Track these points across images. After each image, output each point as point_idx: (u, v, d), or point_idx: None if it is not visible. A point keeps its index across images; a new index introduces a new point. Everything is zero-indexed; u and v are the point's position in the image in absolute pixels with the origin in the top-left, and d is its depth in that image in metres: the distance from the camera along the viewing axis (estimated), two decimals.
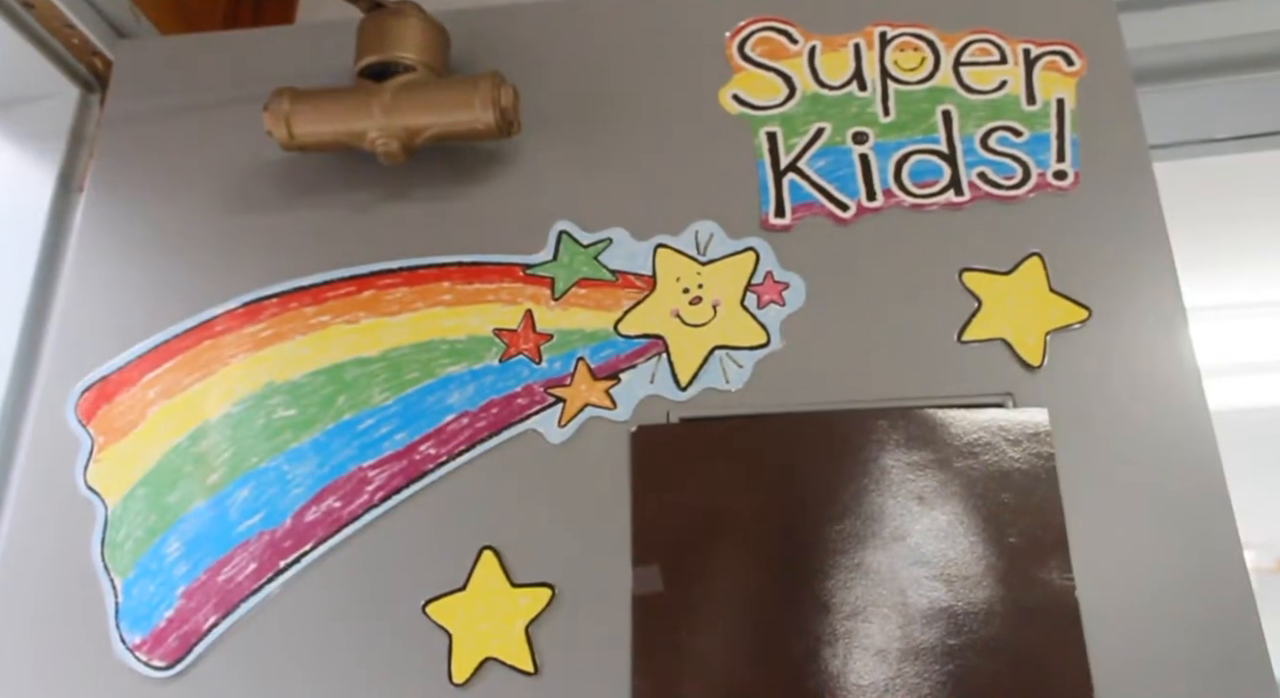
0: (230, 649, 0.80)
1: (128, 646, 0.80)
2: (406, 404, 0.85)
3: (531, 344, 0.85)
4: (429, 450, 0.83)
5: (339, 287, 0.90)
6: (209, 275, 0.92)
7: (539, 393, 0.84)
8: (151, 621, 0.81)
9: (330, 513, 0.82)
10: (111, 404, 0.88)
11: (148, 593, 0.82)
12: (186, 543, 0.83)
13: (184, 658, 0.80)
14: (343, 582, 0.80)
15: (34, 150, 1.05)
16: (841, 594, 0.74)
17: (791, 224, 0.87)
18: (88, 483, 0.86)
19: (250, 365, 0.88)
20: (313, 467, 0.84)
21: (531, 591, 0.78)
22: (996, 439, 0.77)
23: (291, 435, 0.85)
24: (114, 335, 0.91)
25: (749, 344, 0.83)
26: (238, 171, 0.96)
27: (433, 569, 0.79)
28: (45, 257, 1.00)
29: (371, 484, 0.82)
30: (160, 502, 0.84)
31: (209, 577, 0.82)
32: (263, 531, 0.82)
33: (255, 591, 0.81)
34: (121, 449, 0.87)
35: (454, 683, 0.76)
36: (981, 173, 0.87)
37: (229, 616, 0.80)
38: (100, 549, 0.84)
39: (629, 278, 0.87)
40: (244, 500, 0.83)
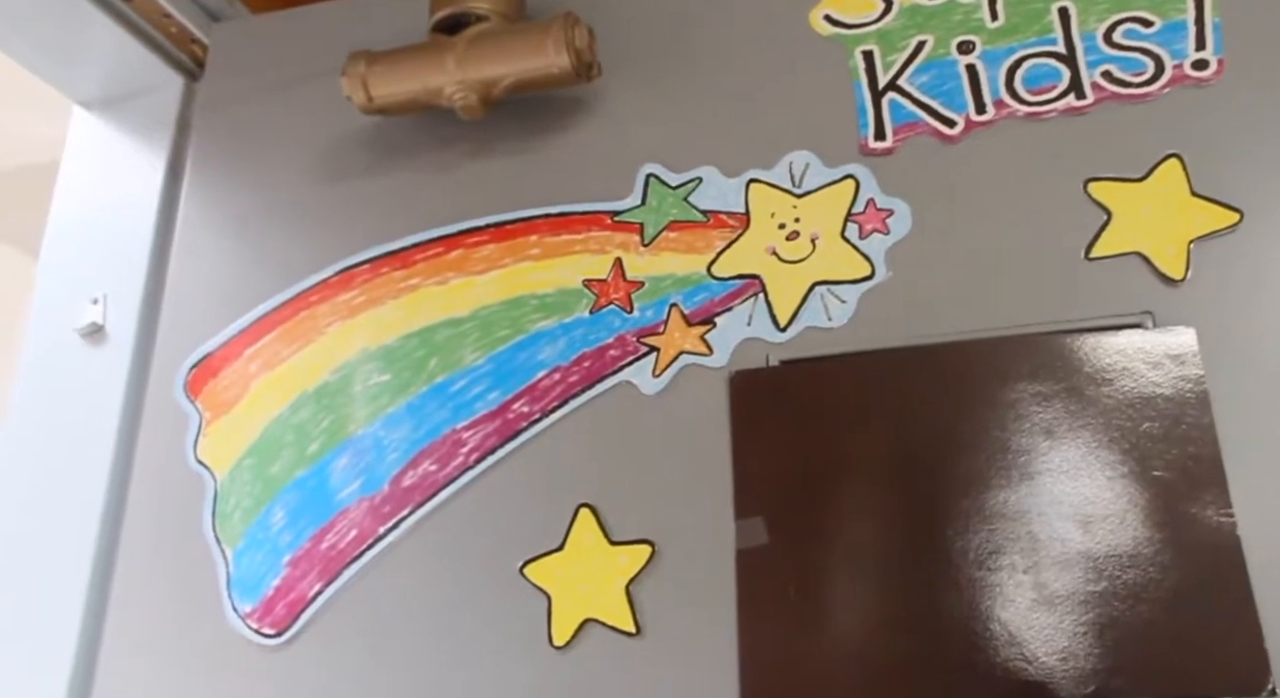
0: (335, 616, 0.79)
1: (239, 614, 0.81)
2: (498, 363, 0.82)
3: (622, 293, 0.81)
4: (522, 409, 0.80)
5: (427, 248, 0.88)
6: (303, 247, 0.92)
7: (631, 343, 0.80)
8: (260, 589, 0.81)
9: (427, 477, 0.80)
10: (216, 379, 0.89)
11: (256, 562, 0.82)
12: (290, 512, 0.83)
13: (291, 626, 0.79)
14: (441, 545, 0.79)
15: (143, 142, 1.07)
16: (965, 541, 0.67)
17: (893, 147, 0.80)
18: (198, 457, 0.87)
19: (345, 333, 0.87)
20: (408, 431, 0.82)
21: (630, 548, 0.74)
22: (1135, 363, 0.69)
23: (387, 400, 0.84)
24: (217, 312, 0.92)
25: (852, 277, 0.77)
26: (325, 142, 0.95)
27: (530, 530, 0.77)
28: (158, 244, 1.02)
29: (466, 446, 0.80)
30: (265, 472, 0.85)
31: (312, 545, 0.81)
32: (362, 497, 0.81)
33: (357, 557, 0.80)
34: (227, 423, 0.88)
35: (554, 646, 0.73)
36: (1106, 72, 0.78)
37: (333, 583, 0.80)
38: (212, 521, 0.85)
39: (721, 217, 0.82)
40: (343, 468, 0.83)
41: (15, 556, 0.93)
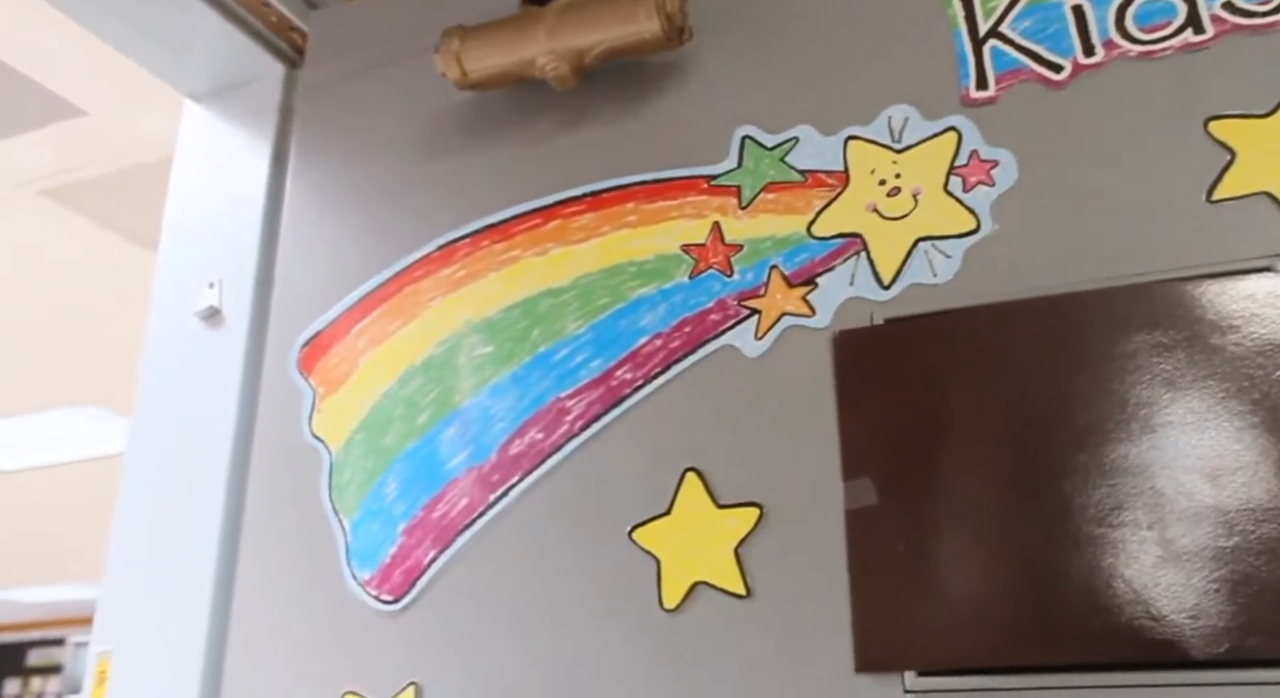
0: (449, 582, 0.81)
1: (359, 582, 0.83)
2: (599, 331, 0.83)
3: (721, 257, 0.81)
4: (625, 375, 0.80)
5: (526, 220, 0.89)
6: (404, 224, 0.94)
7: (732, 306, 0.79)
8: (378, 558, 0.84)
9: (533, 445, 0.81)
10: (327, 356, 0.92)
11: (372, 532, 0.85)
12: (402, 483, 0.85)
13: (408, 592, 0.82)
14: (550, 512, 0.80)
15: (249, 131, 1.11)
16: (1084, 497, 0.65)
17: (996, 96, 0.78)
18: (313, 432, 0.90)
19: (448, 307, 0.89)
20: (513, 400, 0.83)
21: (738, 511, 0.74)
22: (1265, 310, 0.65)
23: (491, 371, 0.85)
24: (325, 291, 0.94)
25: (956, 232, 0.75)
26: (423, 120, 0.97)
27: (637, 495, 0.77)
28: (267, 228, 1.05)
29: (571, 414, 0.81)
30: (377, 445, 0.87)
31: (425, 514, 0.83)
32: (471, 466, 0.83)
33: (468, 525, 0.81)
34: (339, 398, 0.90)
35: (665, 609, 0.73)
36: (1227, 3, 0.74)
37: (446, 550, 0.82)
38: (329, 493, 0.87)
39: (819, 176, 0.81)
40: (452, 438, 0.84)
41: (148, 529, 0.98)
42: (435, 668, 0.79)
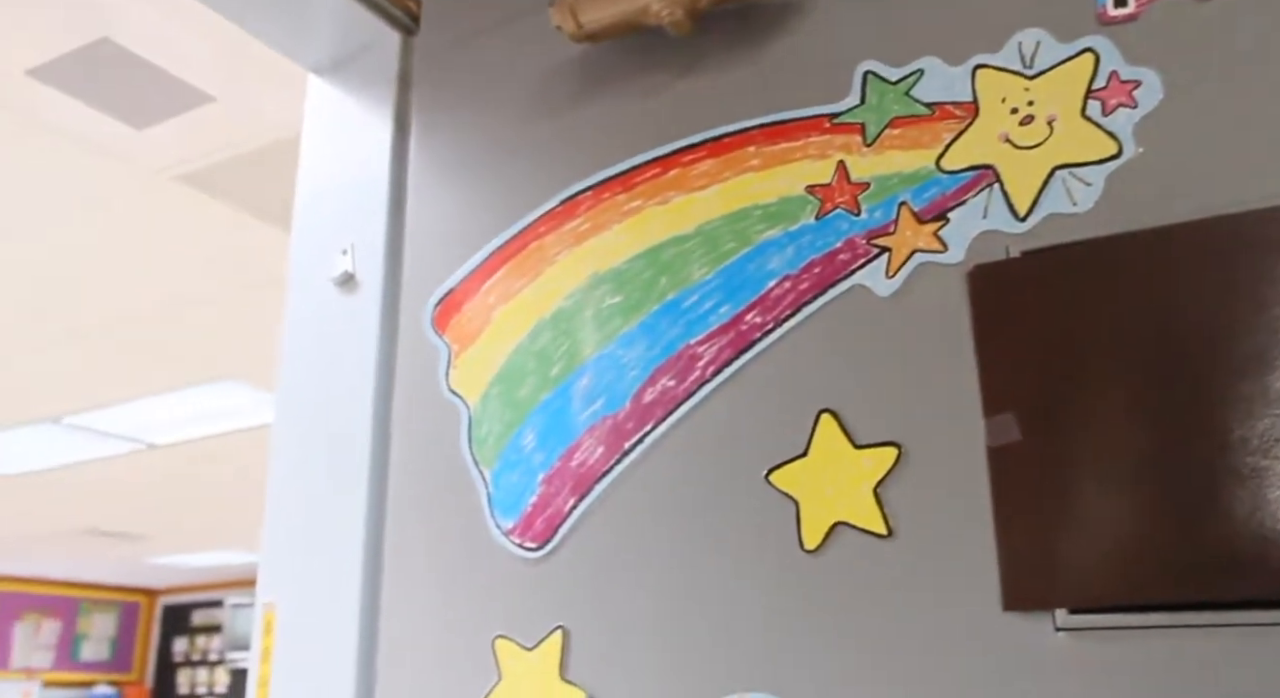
0: (590, 529, 0.83)
1: (502, 531, 0.86)
2: (727, 276, 0.82)
3: (848, 196, 0.80)
4: (755, 320, 0.80)
5: (646, 170, 0.89)
6: (526, 181, 0.95)
7: (861, 246, 0.78)
8: (519, 507, 0.86)
9: (666, 392, 0.82)
10: (460, 314, 0.94)
11: (512, 482, 0.87)
12: (539, 434, 0.87)
13: (551, 539, 0.84)
14: (686, 457, 0.80)
15: (370, 99, 1.13)
16: (1245, 428, 0.62)
17: (1137, 12, 0.74)
18: (450, 387, 0.93)
19: (574, 260, 0.90)
20: (644, 349, 0.84)
21: (875, 451, 0.73)
22: None
23: (621, 321, 0.86)
24: (454, 250, 0.97)
25: (1096, 158, 0.72)
26: (540, 76, 0.98)
27: (772, 438, 0.77)
28: (394, 192, 1.08)
29: (702, 360, 0.81)
30: (512, 398, 0.89)
31: (563, 463, 0.85)
32: (605, 415, 0.84)
33: (606, 472, 0.83)
34: (473, 354, 0.93)
35: (805, 550, 0.74)
36: None
37: (585, 498, 0.83)
38: (469, 446, 0.90)
39: (947, 108, 0.78)
40: (585, 389, 0.86)
41: (299, 489, 1.03)
42: (580, 612, 0.81)
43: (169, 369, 3.97)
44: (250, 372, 3.99)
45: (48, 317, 3.48)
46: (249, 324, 3.52)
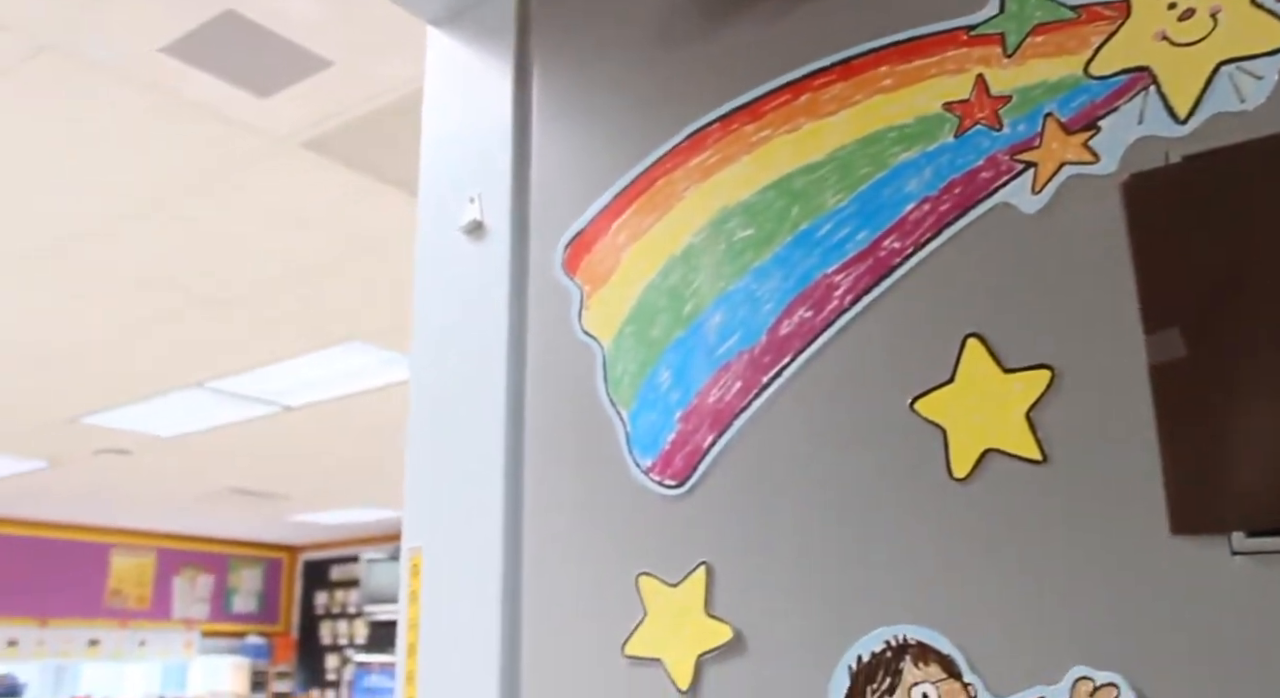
0: (730, 465, 0.82)
1: (641, 469, 0.86)
2: (862, 202, 0.80)
3: (988, 111, 0.76)
4: (893, 245, 0.78)
5: (774, 98, 0.87)
6: (652, 117, 0.94)
7: (1005, 162, 0.75)
8: (658, 445, 0.86)
9: (803, 324, 0.81)
10: (590, 255, 0.94)
11: (650, 421, 0.87)
12: (675, 371, 0.86)
13: (691, 476, 0.84)
14: (826, 389, 0.79)
15: (489, 47, 1.14)
16: None
17: None
18: (584, 329, 0.93)
19: (702, 195, 0.89)
20: (778, 281, 0.83)
21: (1027, 374, 0.70)
22: None
23: (753, 255, 0.84)
24: (581, 191, 0.97)
25: (1269, 48, 0.67)
26: (658, 10, 0.96)
27: (916, 365, 0.75)
28: (518, 138, 1.08)
29: (839, 289, 0.80)
30: (646, 337, 0.89)
31: (700, 400, 0.85)
32: (741, 350, 0.83)
33: (744, 408, 0.82)
34: (605, 294, 0.92)
35: (955, 478, 0.72)
36: None
37: (724, 434, 0.83)
38: (604, 387, 0.90)
39: (1095, 10, 0.74)
40: (719, 324, 0.85)
41: (439, 435, 1.05)
42: (724, 548, 0.81)
43: (300, 333, 4.12)
44: (377, 332, 4.11)
45: (188, 287, 3.64)
46: (375, 286, 3.62)
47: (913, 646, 0.71)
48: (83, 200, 3.00)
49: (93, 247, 3.32)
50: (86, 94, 2.44)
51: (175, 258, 3.40)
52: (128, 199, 2.98)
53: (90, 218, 3.11)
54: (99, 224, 3.15)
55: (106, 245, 3.30)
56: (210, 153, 2.70)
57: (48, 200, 2.99)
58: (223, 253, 3.35)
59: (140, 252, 3.35)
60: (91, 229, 3.19)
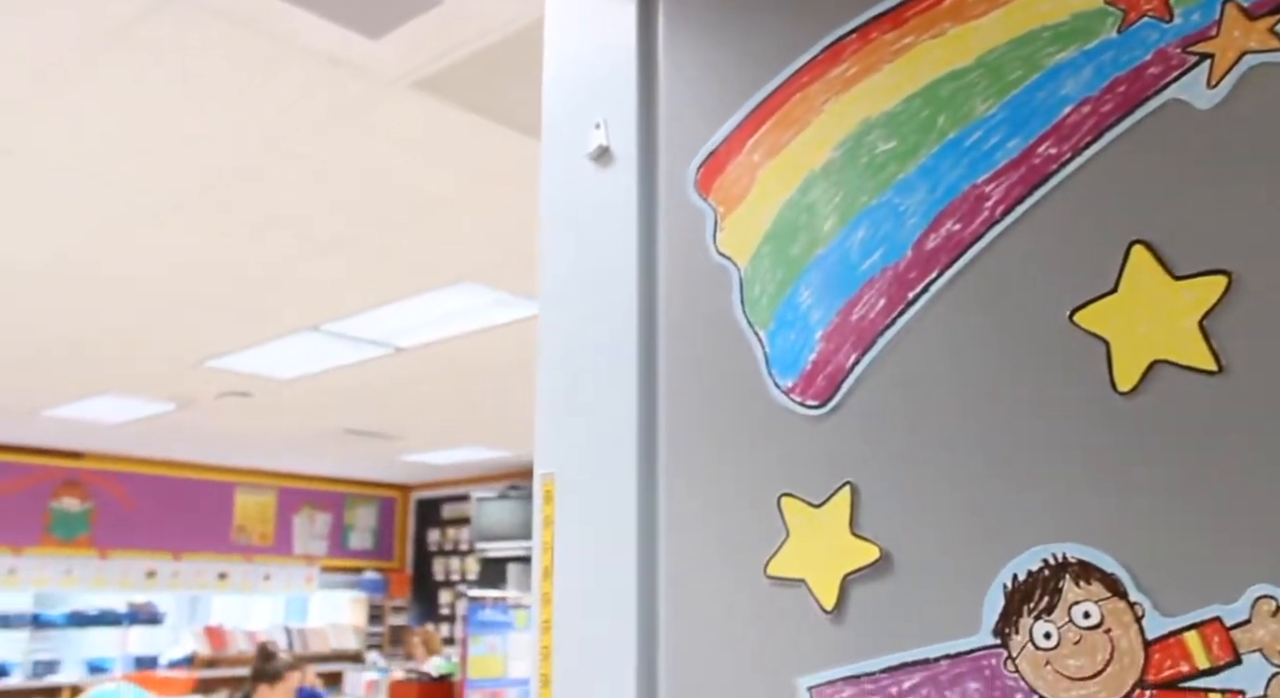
0: (875, 383, 0.80)
1: (781, 390, 0.85)
2: (1014, 107, 0.76)
3: (1156, 2, 0.71)
4: (1049, 151, 0.74)
5: (917, 3, 0.83)
6: (785, 30, 0.91)
7: (1175, 56, 0.70)
8: (798, 365, 0.85)
9: (951, 237, 0.78)
10: (724, 174, 0.92)
11: (789, 341, 0.85)
12: (815, 290, 0.85)
13: (834, 396, 0.82)
14: (976, 305, 0.76)
15: None
16: None
17: None
18: (719, 250, 0.92)
19: (841, 108, 0.86)
20: (924, 194, 0.80)
21: (1200, 281, 0.67)
22: None
23: (896, 167, 0.82)
24: (712, 111, 0.94)
25: None
26: None
27: (1074, 276, 0.72)
28: (643, 59, 1.06)
29: (990, 200, 0.76)
30: (784, 256, 0.87)
31: (842, 318, 0.83)
32: (885, 266, 0.81)
33: (888, 325, 0.80)
34: (741, 214, 0.91)
35: (1119, 392, 0.69)
36: None
37: (868, 352, 0.81)
38: (741, 308, 0.89)
39: None
40: (862, 240, 0.83)
41: (569, 362, 1.05)
42: (869, 467, 0.80)
43: (413, 275, 4.20)
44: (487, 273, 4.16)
45: (304, 232, 3.74)
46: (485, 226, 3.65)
47: (1073, 564, 0.69)
48: (202, 151, 3.09)
49: (214, 196, 3.42)
50: (202, 46, 2.50)
51: (291, 204, 3.49)
52: (245, 148, 3.05)
53: (210, 168, 3.20)
54: (219, 174, 3.24)
55: (227, 194, 3.40)
56: (323, 97, 2.74)
57: (169, 153, 3.09)
58: (337, 196, 3.42)
59: (258, 198, 3.45)
60: (212, 180, 3.29)
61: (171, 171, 3.25)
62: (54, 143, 3.05)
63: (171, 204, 3.51)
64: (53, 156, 3.14)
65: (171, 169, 3.23)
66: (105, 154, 3.12)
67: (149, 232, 3.77)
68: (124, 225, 3.71)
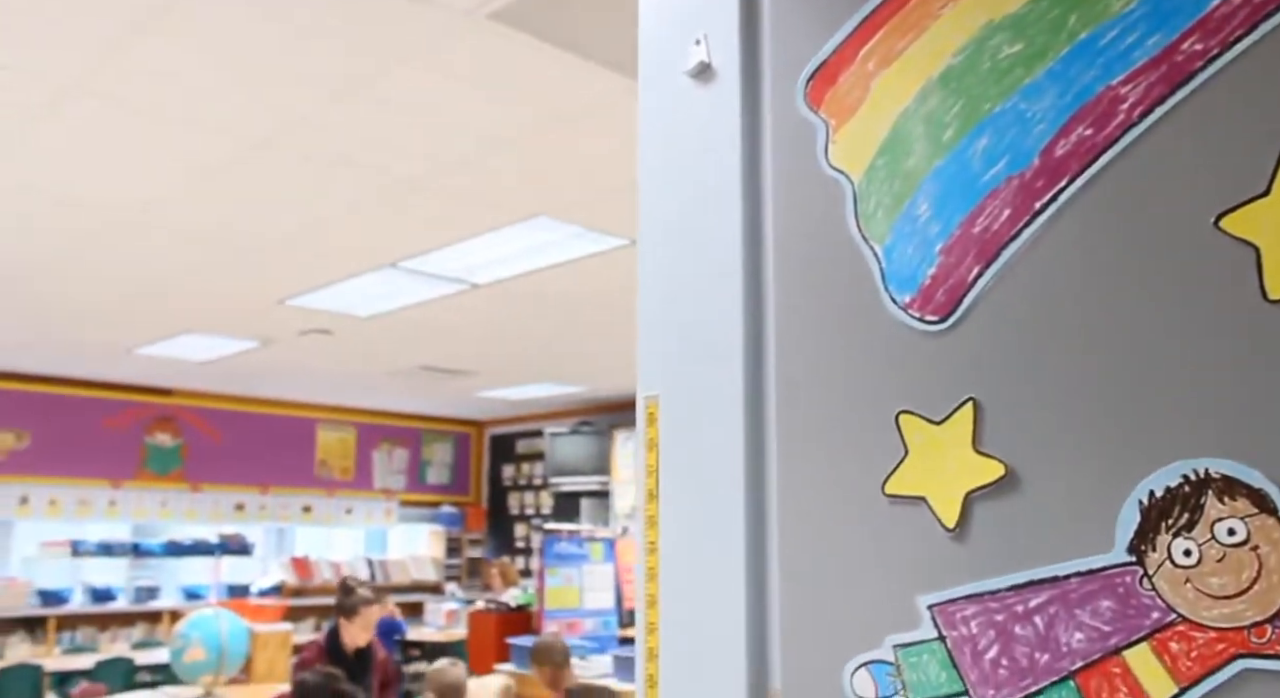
0: (999, 297, 0.78)
1: (899, 305, 0.83)
2: (1154, 3, 0.72)
3: None
4: (1194, 47, 0.70)
5: None
6: None
7: None
8: (917, 280, 0.82)
9: (1082, 143, 0.74)
10: (835, 86, 0.89)
11: (907, 255, 0.83)
12: (934, 202, 0.82)
13: (954, 310, 0.80)
14: (1110, 212, 0.73)
15: None
16: None
17: None
18: (831, 164, 0.89)
19: (962, 11, 0.82)
20: (1053, 99, 0.76)
21: None
22: None
23: (1022, 71, 0.78)
24: (821, 21, 0.91)
25: None
26: None
27: (1221, 179, 0.68)
28: None
29: (1126, 102, 0.73)
30: (901, 167, 0.84)
31: (963, 230, 0.80)
32: (1010, 175, 0.78)
33: (1014, 236, 0.77)
34: (854, 126, 0.88)
35: (1269, 299, 0.65)
36: None
37: (991, 265, 0.78)
38: (855, 222, 0.87)
39: None
40: (984, 149, 0.79)
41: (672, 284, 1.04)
42: (993, 382, 0.78)
43: (489, 210, 4.21)
44: (564, 207, 4.15)
45: (382, 167, 3.76)
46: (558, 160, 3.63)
47: (1216, 480, 0.66)
48: (281, 92, 3.10)
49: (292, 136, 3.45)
50: None
51: (369, 139, 3.50)
52: (322, 85, 3.06)
53: (288, 108, 3.22)
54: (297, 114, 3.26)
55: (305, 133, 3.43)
56: (399, 31, 2.73)
57: (249, 95, 3.12)
58: (414, 131, 3.42)
59: (335, 137, 3.46)
60: (290, 119, 3.31)
61: (251, 112, 3.28)
62: (138, 87, 3.09)
63: (251, 144, 3.55)
64: (137, 101, 3.19)
65: (251, 110, 3.26)
66: (187, 97, 3.16)
67: (229, 172, 3.82)
68: (205, 166, 3.76)
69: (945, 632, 0.77)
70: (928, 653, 0.78)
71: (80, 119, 3.35)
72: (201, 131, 3.43)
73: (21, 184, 3.99)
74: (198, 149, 3.59)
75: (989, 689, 0.74)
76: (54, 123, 3.38)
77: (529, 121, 3.31)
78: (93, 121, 3.37)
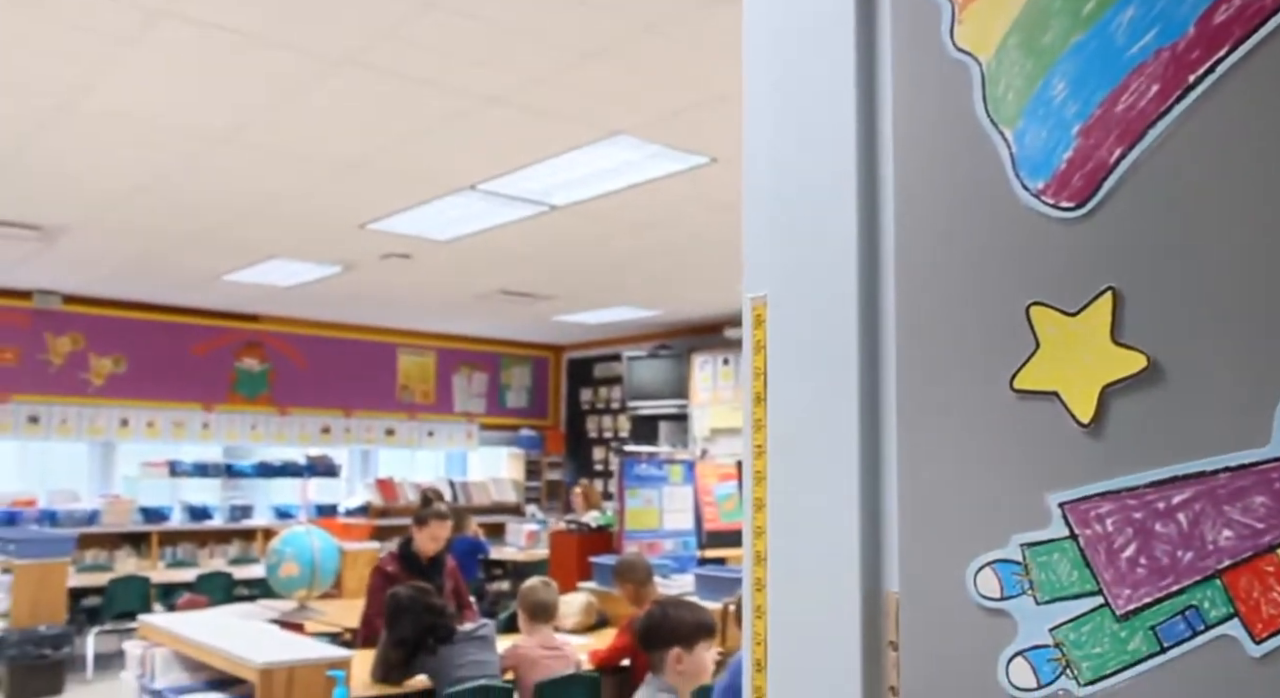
0: (1144, 180, 0.73)
1: (1031, 192, 0.79)
2: None
3: None
4: None
5: None
6: None
7: None
8: (1051, 165, 0.78)
9: (1247, 7, 0.69)
10: None
11: (1041, 138, 0.78)
12: (1071, 81, 0.77)
13: (1093, 196, 0.75)
14: (1275, 86, 0.67)
15: None
16: None
17: None
18: (957, 45, 0.84)
19: None
20: None
21: None
22: None
23: None
24: None
25: None
26: None
27: None
28: None
29: None
30: (1035, 46, 0.79)
31: (1104, 110, 0.75)
32: (1160, 47, 0.72)
33: (1163, 114, 0.72)
34: (982, 5, 0.83)
35: None
36: None
37: (1136, 145, 0.73)
38: (983, 106, 0.82)
39: None
40: (1130, 20, 0.74)
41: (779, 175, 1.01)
42: (1135, 270, 0.73)
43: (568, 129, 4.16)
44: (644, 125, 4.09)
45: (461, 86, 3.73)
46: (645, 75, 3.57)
47: None
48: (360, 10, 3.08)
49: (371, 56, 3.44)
50: None
51: (448, 58, 3.47)
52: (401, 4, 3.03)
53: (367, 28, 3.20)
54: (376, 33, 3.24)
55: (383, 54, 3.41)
56: None
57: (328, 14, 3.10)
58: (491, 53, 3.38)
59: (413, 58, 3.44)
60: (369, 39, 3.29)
61: (330, 32, 3.27)
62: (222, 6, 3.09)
63: (331, 65, 3.55)
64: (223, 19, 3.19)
65: (330, 30, 3.25)
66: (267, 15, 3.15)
67: (309, 95, 3.83)
68: (286, 90, 3.78)
69: (1078, 530, 0.74)
70: (1058, 552, 0.75)
71: (167, 43, 3.38)
72: (283, 50, 3.43)
73: (113, 111, 4.06)
74: (279, 69, 3.60)
75: (1125, 589, 0.71)
76: (143, 49, 3.42)
77: (620, 32, 3.24)
78: (180, 45, 3.40)
